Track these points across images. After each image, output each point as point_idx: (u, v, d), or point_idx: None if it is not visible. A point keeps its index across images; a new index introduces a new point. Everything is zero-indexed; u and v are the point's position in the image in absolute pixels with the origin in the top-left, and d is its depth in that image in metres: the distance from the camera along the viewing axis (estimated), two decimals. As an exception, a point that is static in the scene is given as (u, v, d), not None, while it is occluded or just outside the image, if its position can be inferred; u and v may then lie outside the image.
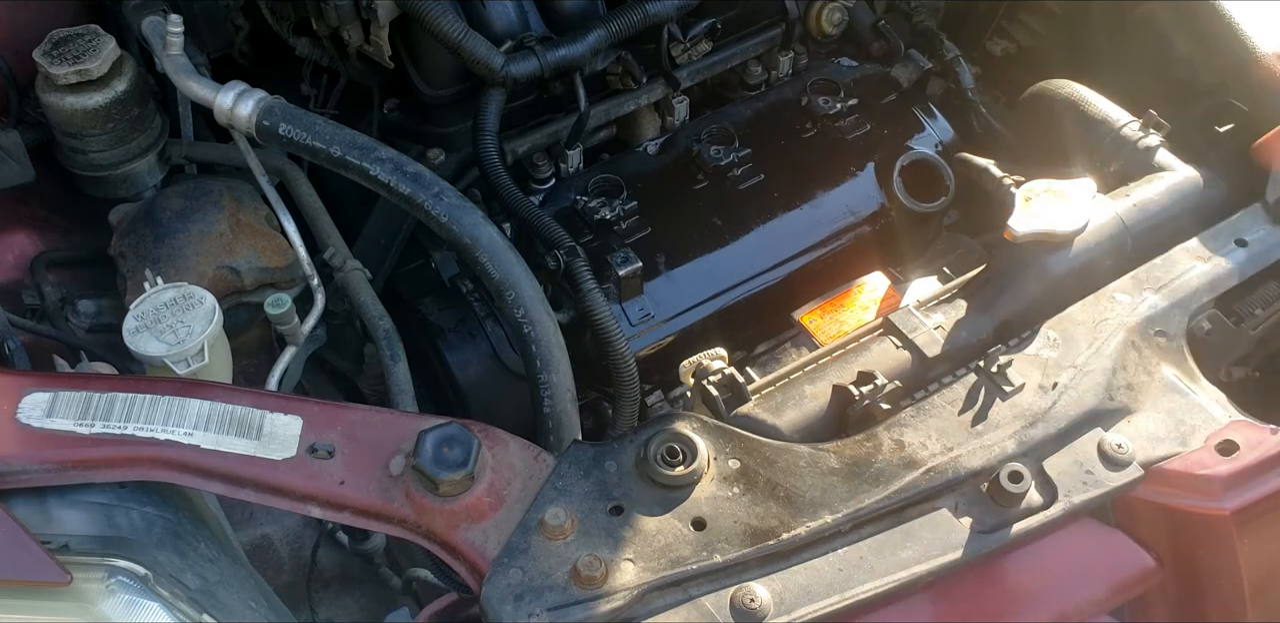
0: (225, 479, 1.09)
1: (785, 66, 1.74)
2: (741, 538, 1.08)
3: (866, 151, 1.60)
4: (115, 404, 1.09)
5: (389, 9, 1.43)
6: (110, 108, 1.45)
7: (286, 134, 1.36)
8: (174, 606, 1.03)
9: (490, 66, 1.43)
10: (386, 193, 1.34)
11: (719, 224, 1.53)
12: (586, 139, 1.63)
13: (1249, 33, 1.47)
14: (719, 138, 1.59)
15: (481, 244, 1.30)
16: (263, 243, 1.47)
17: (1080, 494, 1.13)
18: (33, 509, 1.05)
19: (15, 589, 0.99)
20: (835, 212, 1.57)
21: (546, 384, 1.28)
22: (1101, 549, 1.16)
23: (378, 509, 1.09)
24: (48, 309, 1.47)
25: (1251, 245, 1.34)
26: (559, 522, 1.06)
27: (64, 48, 1.43)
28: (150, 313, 1.31)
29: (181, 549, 1.09)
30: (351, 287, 1.47)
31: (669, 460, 1.10)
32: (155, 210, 1.46)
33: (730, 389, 1.24)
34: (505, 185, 1.46)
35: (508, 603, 1.03)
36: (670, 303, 1.50)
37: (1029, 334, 1.25)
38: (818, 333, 1.35)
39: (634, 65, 1.60)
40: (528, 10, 1.55)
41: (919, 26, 1.76)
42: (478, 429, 1.12)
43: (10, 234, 1.53)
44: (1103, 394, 1.19)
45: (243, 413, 1.11)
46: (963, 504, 1.13)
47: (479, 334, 1.51)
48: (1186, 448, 1.17)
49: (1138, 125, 1.50)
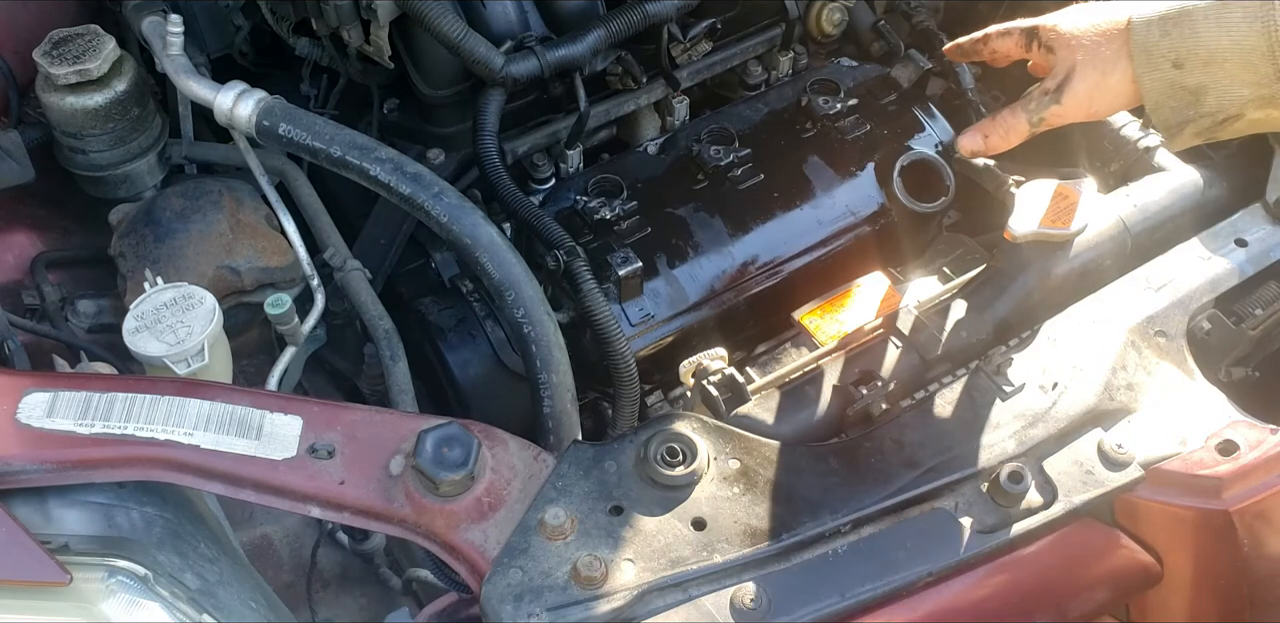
0: (225, 479, 1.09)
1: (785, 66, 1.74)
2: (741, 538, 1.08)
3: (866, 151, 1.60)
4: (115, 404, 1.09)
5: (389, 9, 1.43)
6: (110, 108, 1.45)
7: (286, 134, 1.36)
8: (174, 606, 1.03)
9: (490, 66, 1.44)
10: (386, 193, 1.34)
11: (719, 224, 1.53)
12: (586, 139, 1.63)
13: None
14: (719, 138, 1.59)
15: (481, 244, 1.30)
16: (263, 243, 1.47)
17: (1080, 494, 1.13)
18: (33, 509, 1.05)
19: (15, 589, 0.99)
20: (835, 212, 1.57)
21: (546, 384, 1.28)
22: (1101, 549, 1.16)
23: (378, 509, 1.09)
24: (48, 309, 1.46)
25: (1251, 245, 1.34)
26: (559, 522, 1.06)
27: (64, 48, 1.43)
28: (150, 313, 1.31)
29: (181, 549, 1.09)
30: (351, 287, 1.47)
31: (669, 461, 1.10)
32: (155, 210, 1.46)
33: (730, 389, 1.24)
34: (505, 185, 1.46)
35: (507, 603, 1.03)
36: (670, 303, 1.50)
37: (1029, 334, 1.25)
38: (818, 333, 1.35)
39: (634, 65, 1.60)
40: (528, 10, 1.55)
41: (919, 26, 1.76)
42: (478, 429, 1.12)
43: (10, 234, 1.53)
44: (1103, 394, 1.19)
45: (243, 413, 1.11)
46: (963, 504, 1.13)
47: (479, 334, 1.51)
48: (1186, 448, 1.17)
49: (1138, 125, 1.50)
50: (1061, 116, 1.27)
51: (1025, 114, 1.28)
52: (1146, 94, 1.20)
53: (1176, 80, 1.18)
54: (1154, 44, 1.18)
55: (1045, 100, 1.26)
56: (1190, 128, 1.21)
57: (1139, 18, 1.20)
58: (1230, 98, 1.17)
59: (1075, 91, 1.24)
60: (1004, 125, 1.30)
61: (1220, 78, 1.16)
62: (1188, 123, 1.20)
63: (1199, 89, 1.18)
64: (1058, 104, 1.25)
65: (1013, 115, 1.29)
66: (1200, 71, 1.17)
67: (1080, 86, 1.24)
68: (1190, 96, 1.18)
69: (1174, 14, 1.18)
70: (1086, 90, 1.24)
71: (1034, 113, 1.27)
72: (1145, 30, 1.19)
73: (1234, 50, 1.14)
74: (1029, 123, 1.28)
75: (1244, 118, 1.19)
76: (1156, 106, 1.20)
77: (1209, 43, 1.15)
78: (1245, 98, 1.16)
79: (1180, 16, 1.17)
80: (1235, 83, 1.16)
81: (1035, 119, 1.27)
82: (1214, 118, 1.19)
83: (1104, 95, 1.24)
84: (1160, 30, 1.18)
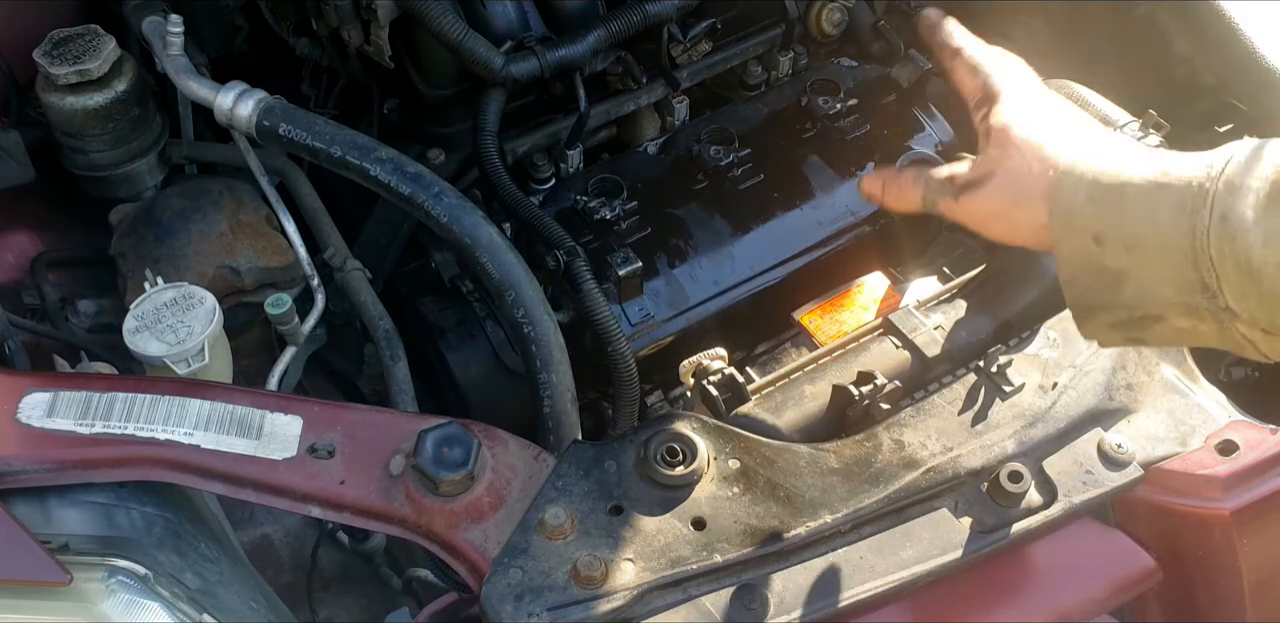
0: (225, 479, 1.09)
1: (785, 66, 1.74)
2: (741, 538, 1.08)
3: (866, 151, 1.60)
4: (115, 404, 1.09)
5: (389, 9, 1.43)
6: (110, 108, 1.45)
7: (286, 134, 1.36)
8: (174, 606, 1.03)
9: (490, 66, 1.44)
10: (386, 193, 1.34)
11: (719, 224, 1.53)
12: (586, 139, 1.63)
13: (1249, 33, 1.47)
14: (719, 138, 1.59)
15: (481, 244, 1.30)
16: (263, 243, 1.47)
17: (1080, 494, 1.13)
18: (33, 509, 1.05)
19: (15, 589, 0.99)
20: (835, 212, 1.57)
21: (546, 384, 1.28)
22: (1101, 549, 1.16)
23: (378, 509, 1.09)
24: (48, 309, 1.47)
25: (1251, 245, 1.33)
26: (559, 522, 1.06)
27: (64, 48, 1.43)
28: (150, 313, 1.31)
29: (181, 549, 1.09)
30: (351, 287, 1.47)
31: (669, 460, 1.10)
32: (155, 210, 1.46)
33: (730, 389, 1.24)
34: (505, 185, 1.46)
35: (508, 603, 1.03)
36: (670, 303, 1.50)
37: (1029, 334, 1.25)
38: (818, 333, 1.35)
39: (634, 65, 1.60)
40: (528, 10, 1.55)
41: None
42: (478, 429, 1.12)
43: (10, 234, 1.53)
44: (1103, 394, 1.19)
45: (243, 413, 1.11)
46: (963, 504, 1.13)
47: (479, 334, 1.51)
48: (1186, 448, 1.18)
49: (1138, 125, 1.50)
50: (953, 215, 1.10)
51: (922, 190, 1.12)
52: (1061, 262, 1.00)
53: (1095, 257, 0.96)
54: (1077, 209, 0.97)
55: (946, 188, 1.09)
56: (1104, 316, 0.99)
57: (1069, 169, 0.99)
58: (1151, 295, 0.94)
59: (977, 203, 1.07)
60: (902, 189, 1.15)
61: (1142, 268, 0.94)
62: (1101, 309, 0.99)
63: (1120, 274, 0.95)
64: (955, 203, 1.08)
65: (913, 185, 1.13)
66: (1123, 255, 0.94)
67: (985, 202, 1.06)
68: (1110, 279, 0.96)
69: (1107, 180, 0.96)
70: (989, 210, 1.06)
71: (931, 193, 1.11)
72: (1072, 189, 0.98)
73: (1157, 243, 0.92)
74: (922, 201, 1.12)
75: (1167, 322, 0.96)
76: (1070, 280, 1.00)
77: (1134, 225, 0.93)
78: (1168, 299, 0.94)
79: (1111, 187, 0.95)
80: (1158, 280, 0.93)
81: (930, 200, 1.12)
82: (1131, 312, 0.97)
83: (1004, 224, 1.06)
84: (1087, 195, 0.96)
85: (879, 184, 1.18)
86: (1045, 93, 1.11)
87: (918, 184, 1.13)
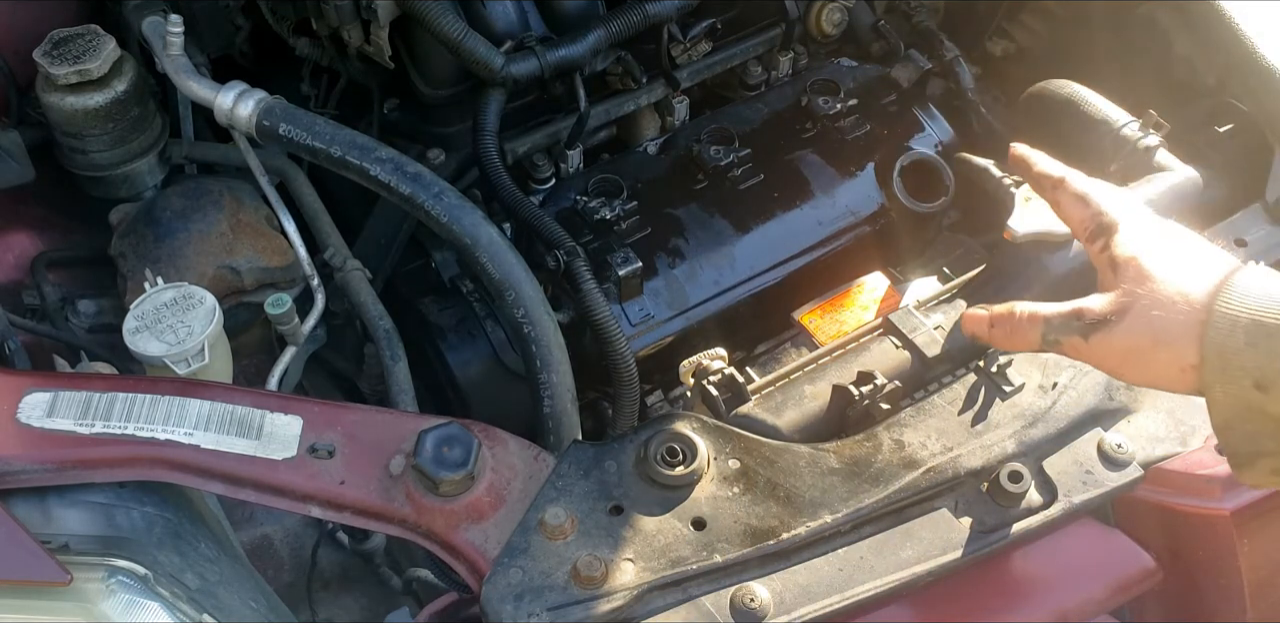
0: (225, 479, 1.09)
1: (785, 67, 1.74)
2: (741, 538, 1.08)
3: (866, 152, 1.60)
4: (115, 404, 1.09)
5: (389, 9, 1.43)
6: (110, 108, 1.45)
7: (286, 134, 1.36)
8: (174, 605, 1.03)
9: (490, 66, 1.44)
10: (386, 193, 1.34)
11: (719, 224, 1.53)
12: (586, 139, 1.63)
13: (1249, 33, 1.47)
14: (719, 138, 1.59)
15: (481, 244, 1.30)
16: (263, 243, 1.47)
17: (1080, 494, 1.13)
18: (33, 509, 1.05)
19: (15, 589, 0.99)
20: (835, 212, 1.57)
21: (546, 384, 1.28)
22: (1101, 549, 1.16)
23: (378, 509, 1.09)
24: (48, 309, 1.47)
25: (1251, 245, 1.34)
26: (559, 522, 1.06)
27: (64, 48, 1.43)
28: (150, 313, 1.31)
29: (182, 549, 1.09)
30: (351, 287, 1.47)
31: (669, 460, 1.10)
32: (155, 210, 1.46)
33: (730, 389, 1.24)
34: (505, 185, 1.46)
35: (508, 603, 1.03)
36: (670, 303, 1.50)
37: (1029, 334, 1.25)
38: (818, 333, 1.35)
39: (634, 65, 1.60)
40: (528, 10, 1.55)
41: (919, 26, 1.76)
42: (478, 429, 1.12)
43: (10, 234, 1.53)
44: (1103, 394, 1.19)
45: (243, 413, 1.11)
46: (963, 504, 1.13)
47: (479, 334, 1.51)
48: (1186, 448, 1.17)
49: (1138, 125, 1.50)
50: (1078, 355, 1.02)
51: (1043, 330, 1.03)
52: (1215, 408, 0.93)
53: (1256, 404, 0.90)
54: (1234, 352, 0.90)
55: (1073, 328, 1.00)
56: (1267, 462, 0.93)
57: (1224, 312, 0.91)
58: None
59: (1111, 343, 0.98)
60: (1016, 329, 1.06)
61: None
62: (1264, 456, 0.93)
63: None
64: (1084, 342, 1.00)
65: (1030, 325, 1.04)
66: None
67: (1120, 341, 0.97)
68: (1273, 426, 0.90)
69: (1270, 321, 0.89)
70: (1125, 349, 0.97)
71: (1053, 333, 1.02)
72: (1228, 332, 0.90)
73: None
74: (1042, 341, 1.03)
75: None
76: (1226, 427, 0.93)
77: None
78: None
79: (1275, 328, 0.89)
80: None
81: (1050, 339, 1.03)
82: None
83: (1142, 366, 0.97)
84: (1246, 338, 0.90)
85: (985, 323, 1.09)
86: (1162, 220, 1.05)
87: (1035, 324, 1.03)
